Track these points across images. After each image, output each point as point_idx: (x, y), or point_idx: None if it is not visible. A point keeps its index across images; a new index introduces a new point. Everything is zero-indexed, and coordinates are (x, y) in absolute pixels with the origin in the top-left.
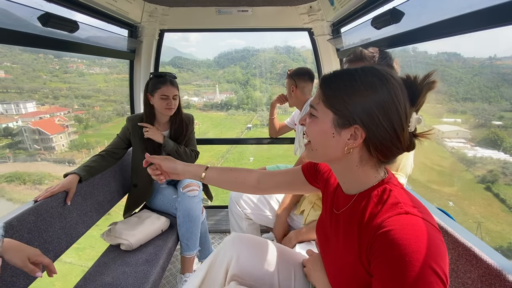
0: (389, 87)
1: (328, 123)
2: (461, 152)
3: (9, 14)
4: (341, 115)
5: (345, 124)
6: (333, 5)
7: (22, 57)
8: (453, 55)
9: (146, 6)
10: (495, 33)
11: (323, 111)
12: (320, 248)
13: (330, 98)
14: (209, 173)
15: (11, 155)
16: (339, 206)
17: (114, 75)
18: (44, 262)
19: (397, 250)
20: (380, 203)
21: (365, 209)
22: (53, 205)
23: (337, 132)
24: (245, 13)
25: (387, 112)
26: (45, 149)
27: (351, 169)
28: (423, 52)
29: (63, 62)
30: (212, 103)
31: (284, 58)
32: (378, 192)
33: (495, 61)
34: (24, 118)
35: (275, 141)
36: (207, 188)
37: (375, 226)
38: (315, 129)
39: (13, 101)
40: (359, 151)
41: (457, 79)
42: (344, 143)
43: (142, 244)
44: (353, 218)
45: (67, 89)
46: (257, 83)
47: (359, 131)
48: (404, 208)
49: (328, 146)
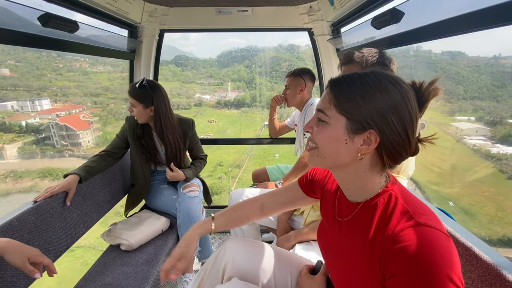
0: (402, 91)
1: (341, 129)
2: (484, 149)
3: (9, 14)
4: (355, 120)
5: (359, 129)
6: (333, 5)
7: (25, 56)
8: (457, 54)
9: (146, 6)
10: (499, 32)
11: (335, 116)
12: (324, 255)
13: (343, 102)
14: (217, 222)
15: (39, 151)
16: (342, 213)
17: (118, 73)
18: (44, 262)
19: (415, 266)
20: (388, 212)
21: (372, 219)
22: (53, 205)
23: (350, 138)
24: (245, 13)
25: (401, 116)
26: (71, 145)
27: (358, 176)
28: (427, 51)
29: (66, 61)
30: (225, 100)
31: (288, 57)
32: (384, 200)
33: (500, 60)
34: (42, 115)
35: (275, 141)
36: (207, 192)
37: (387, 238)
38: (325, 136)
39: (29, 98)
40: (371, 156)
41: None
42: (357, 149)
43: (142, 244)
44: (360, 228)
45: (75, 87)
46: (263, 82)
47: (373, 136)
48: (415, 219)
49: (340, 153)
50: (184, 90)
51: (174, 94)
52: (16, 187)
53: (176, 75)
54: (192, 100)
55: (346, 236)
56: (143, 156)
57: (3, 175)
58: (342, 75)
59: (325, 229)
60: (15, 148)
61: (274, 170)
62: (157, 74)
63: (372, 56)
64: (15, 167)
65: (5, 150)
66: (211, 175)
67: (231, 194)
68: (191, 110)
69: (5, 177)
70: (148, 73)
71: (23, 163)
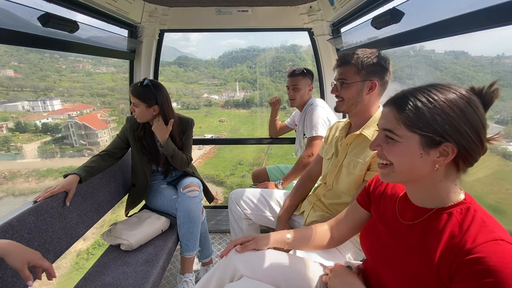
0: (469, 100)
1: (415, 145)
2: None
3: (9, 14)
4: (429, 136)
5: (435, 144)
6: (333, 5)
7: (29, 57)
8: (460, 54)
9: (146, 6)
10: (501, 32)
11: (406, 135)
12: (369, 254)
13: (414, 121)
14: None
15: (58, 150)
16: (406, 216)
17: (121, 74)
18: (44, 265)
19: (491, 277)
20: (467, 222)
21: (446, 226)
22: (53, 205)
23: (426, 152)
24: (245, 13)
25: (473, 125)
26: (90, 144)
27: (434, 185)
28: (430, 50)
29: (68, 62)
30: (234, 100)
31: (291, 57)
32: (461, 211)
33: (504, 59)
34: (54, 115)
35: (275, 141)
36: (207, 190)
37: (464, 247)
38: (399, 153)
39: (40, 98)
40: (447, 165)
41: (469, 77)
42: (433, 161)
43: (142, 244)
44: (430, 232)
45: (81, 88)
46: (266, 82)
47: (450, 148)
48: (497, 233)
49: (416, 167)
50: (189, 90)
51: (180, 94)
52: (39, 186)
53: (178, 75)
54: (201, 100)
55: (409, 237)
56: (144, 157)
57: (26, 174)
58: (403, 92)
59: (378, 230)
60: (34, 147)
61: (274, 170)
62: (157, 74)
63: (367, 57)
64: (37, 166)
65: (24, 150)
66: (233, 174)
67: (230, 194)
68: (201, 110)
69: (27, 176)
70: (148, 73)
71: (44, 162)
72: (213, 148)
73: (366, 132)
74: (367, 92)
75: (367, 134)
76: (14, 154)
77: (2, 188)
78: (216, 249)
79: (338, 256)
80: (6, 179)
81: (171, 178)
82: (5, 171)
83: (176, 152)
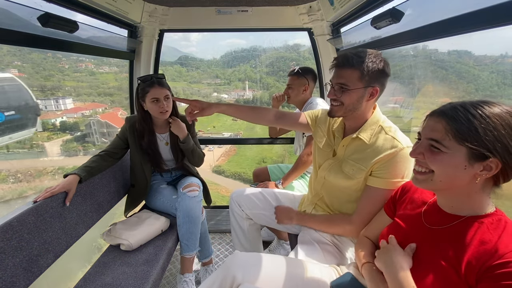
0: None
1: (461, 157)
2: None
3: (9, 14)
4: (477, 150)
5: (481, 158)
6: (333, 5)
7: (31, 57)
8: (464, 53)
9: (146, 6)
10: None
11: (454, 147)
12: None
13: (464, 135)
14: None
15: (81, 148)
16: (434, 221)
17: (124, 74)
18: None
19: None
20: (498, 231)
21: (477, 232)
22: (53, 205)
23: (470, 164)
24: (245, 13)
25: None
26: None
27: (469, 195)
28: (434, 50)
29: (71, 62)
30: (244, 99)
31: (295, 56)
32: (493, 221)
33: (507, 59)
34: (68, 113)
35: (275, 141)
36: (207, 192)
37: (495, 252)
38: (444, 163)
39: (53, 97)
40: (486, 179)
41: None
42: (475, 174)
43: (142, 244)
44: (461, 238)
45: (87, 87)
46: (271, 81)
47: (494, 163)
48: None
49: (457, 177)
50: (195, 90)
51: (187, 94)
52: None
53: (182, 75)
54: (211, 100)
55: (436, 241)
56: (144, 157)
57: (52, 172)
58: (451, 104)
59: (403, 231)
60: (57, 145)
61: (275, 170)
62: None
63: (372, 62)
64: (62, 164)
65: (45, 148)
66: None
67: (231, 195)
68: None
69: (53, 174)
70: (148, 73)
71: (68, 160)
72: (233, 146)
73: (363, 135)
74: (368, 99)
75: (364, 137)
76: (37, 152)
77: (31, 185)
78: (216, 249)
79: (338, 257)
80: (32, 177)
81: (171, 178)
82: (31, 169)
83: (195, 147)
